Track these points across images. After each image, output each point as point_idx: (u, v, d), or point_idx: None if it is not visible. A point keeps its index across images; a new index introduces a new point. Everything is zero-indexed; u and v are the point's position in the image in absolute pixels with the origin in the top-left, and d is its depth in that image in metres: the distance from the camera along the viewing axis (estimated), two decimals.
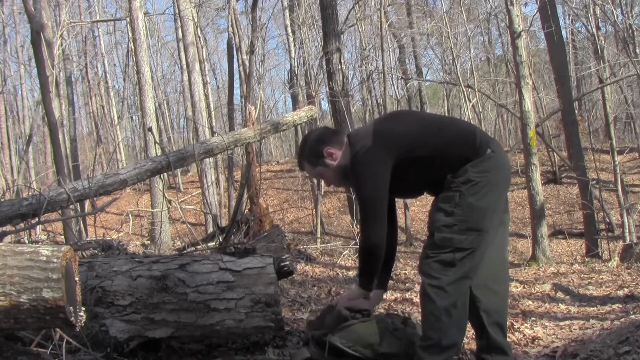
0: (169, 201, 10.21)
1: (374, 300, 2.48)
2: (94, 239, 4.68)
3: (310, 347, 2.38)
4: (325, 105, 20.37)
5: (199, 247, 4.54)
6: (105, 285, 2.30)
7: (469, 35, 14.35)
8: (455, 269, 2.13)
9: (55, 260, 1.50)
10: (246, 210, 6.43)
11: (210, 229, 10.51)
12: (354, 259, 7.00)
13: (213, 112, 17.09)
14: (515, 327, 3.52)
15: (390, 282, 5.39)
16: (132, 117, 26.52)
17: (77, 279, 1.59)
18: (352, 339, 2.30)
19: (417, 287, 4.99)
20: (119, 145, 22.89)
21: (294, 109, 14.85)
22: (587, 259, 8.95)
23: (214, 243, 4.65)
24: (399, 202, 14.59)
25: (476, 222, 2.14)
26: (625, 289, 5.10)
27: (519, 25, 8.55)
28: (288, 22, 18.30)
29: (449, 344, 2.14)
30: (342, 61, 9.59)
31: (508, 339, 3.14)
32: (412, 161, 2.20)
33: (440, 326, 2.12)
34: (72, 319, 1.53)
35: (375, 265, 2.29)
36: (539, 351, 3.06)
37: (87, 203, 7.94)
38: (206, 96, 14.99)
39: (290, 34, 18.07)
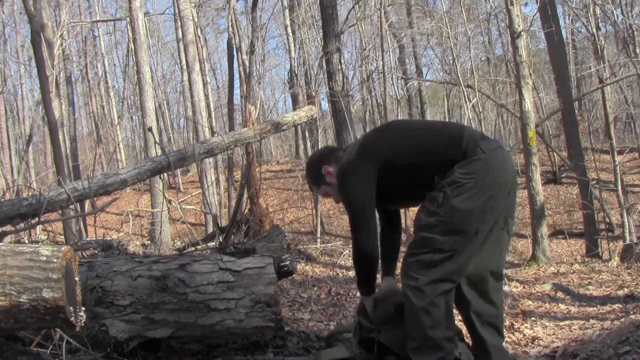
0: (169, 201, 10.21)
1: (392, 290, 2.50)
2: (94, 239, 4.68)
3: (353, 347, 2.39)
4: (325, 105, 20.35)
5: (199, 247, 4.54)
6: (105, 285, 2.30)
7: (469, 35, 14.31)
8: (435, 270, 2.11)
9: (55, 260, 1.50)
10: (246, 210, 6.43)
11: (210, 229, 10.51)
12: None
13: (213, 112, 17.09)
14: (515, 327, 3.53)
15: None
16: (132, 117, 26.49)
17: (77, 279, 1.59)
18: (399, 340, 2.28)
19: None
20: (119, 145, 22.88)
21: (294, 109, 14.86)
22: (587, 259, 8.94)
23: (214, 243, 4.65)
24: None
25: (458, 224, 2.10)
26: (625, 289, 5.10)
27: (519, 25, 8.55)
28: (288, 22, 18.32)
29: (435, 343, 2.11)
30: (342, 61, 9.56)
31: (508, 339, 3.15)
32: (401, 169, 2.22)
33: (421, 327, 2.10)
34: (72, 319, 1.53)
35: (371, 271, 2.32)
36: (539, 351, 3.06)
37: (87, 203, 7.93)
38: (206, 96, 14.98)
39: (290, 34, 18.09)
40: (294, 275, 3.98)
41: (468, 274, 2.21)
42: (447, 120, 20.46)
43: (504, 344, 2.35)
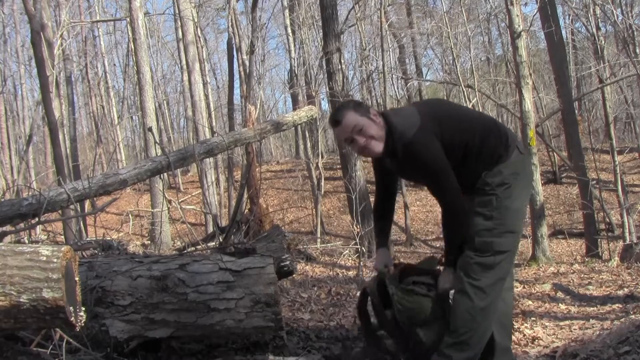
0: (169, 201, 10.22)
1: (386, 258, 2.50)
2: (94, 239, 4.68)
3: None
4: (325, 105, 20.36)
5: (199, 247, 4.54)
6: (105, 285, 2.30)
7: (469, 35, 14.30)
8: (494, 271, 2.17)
9: (55, 260, 1.50)
10: (246, 210, 6.42)
11: (210, 229, 10.51)
12: (354, 259, 6.99)
13: (213, 112, 17.09)
14: (515, 327, 3.52)
15: None
16: (132, 117, 26.49)
17: (77, 279, 1.59)
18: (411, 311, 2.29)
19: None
20: (119, 145, 22.87)
21: (294, 109, 14.85)
22: (587, 259, 8.94)
23: (214, 243, 4.65)
24: (399, 202, 14.58)
25: (513, 224, 2.20)
26: (625, 289, 5.10)
27: (519, 25, 8.54)
28: (288, 22, 18.31)
29: (476, 343, 2.18)
30: (342, 61, 9.59)
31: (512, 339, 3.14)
32: (449, 148, 2.16)
33: (473, 325, 2.16)
34: (72, 319, 1.53)
35: (462, 234, 2.21)
36: (539, 351, 3.06)
37: (87, 203, 7.94)
38: (206, 96, 14.99)
39: (290, 34, 18.07)
40: (294, 275, 3.98)
41: None
42: None
43: (510, 345, 2.40)
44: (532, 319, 4.00)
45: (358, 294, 2.60)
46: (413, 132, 2.12)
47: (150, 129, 9.96)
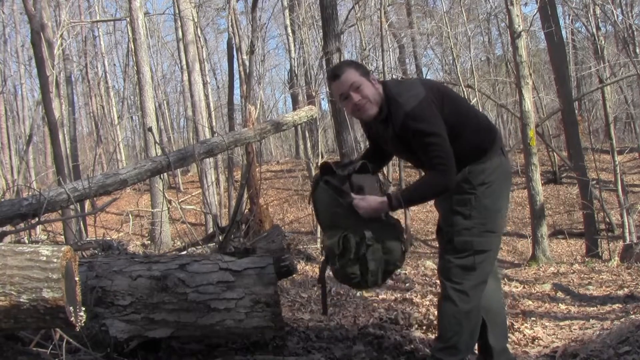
0: (169, 201, 10.22)
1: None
2: (94, 239, 4.68)
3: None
4: (325, 105, 20.39)
5: (199, 247, 4.54)
6: (105, 285, 2.30)
7: (469, 35, 14.33)
8: (476, 273, 2.17)
9: (55, 260, 1.50)
10: (246, 210, 6.42)
11: (210, 229, 10.51)
12: None
13: (213, 112, 17.09)
14: (515, 327, 3.52)
15: (390, 281, 5.40)
16: (132, 117, 26.49)
17: (77, 279, 1.59)
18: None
19: (417, 287, 5.00)
20: (119, 145, 22.87)
21: (294, 109, 14.85)
22: (587, 259, 8.94)
23: (214, 243, 4.64)
24: None
25: (492, 223, 2.19)
26: (625, 289, 5.10)
27: (519, 25, 8.55)
28: (288, 22, 18.32)
29: (464, 346, 2.20)
30: None
31: (508, 339, 3.15)
32: (447, 129, 2.12)
33: (460, 329, 2.16)
34: (72, 319, 1.53)
35: (427, 198, 2.21)
36: (539, 351, 3.06)
37: (87, 203, 7.93)
38: (206, 96, 14.99)
39: (290, 34, 18.08)
40: (294, 275, 3.97)
41: None
42: None
43: (507, 344, 2.41)
44: (532, 319, 3.99)
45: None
46: (416, 102, 2.07)
47: (150, 129, 9.97)
